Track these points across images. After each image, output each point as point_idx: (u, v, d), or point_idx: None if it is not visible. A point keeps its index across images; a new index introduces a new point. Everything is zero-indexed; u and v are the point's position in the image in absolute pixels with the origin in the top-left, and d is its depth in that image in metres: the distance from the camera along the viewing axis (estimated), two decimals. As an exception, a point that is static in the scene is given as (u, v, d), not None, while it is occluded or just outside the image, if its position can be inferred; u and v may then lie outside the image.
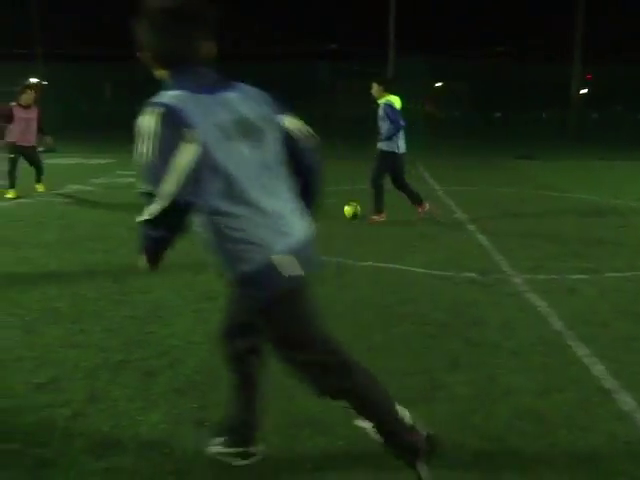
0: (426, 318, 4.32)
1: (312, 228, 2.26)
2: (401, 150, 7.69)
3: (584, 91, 30.11)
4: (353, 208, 7.83)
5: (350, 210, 7.83)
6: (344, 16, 29.58)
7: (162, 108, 1.91)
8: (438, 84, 37.99)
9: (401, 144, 7.67)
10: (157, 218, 1.91)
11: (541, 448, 2.72)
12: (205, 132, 1.92)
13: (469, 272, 5.46)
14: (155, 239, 2.00)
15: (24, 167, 9.78)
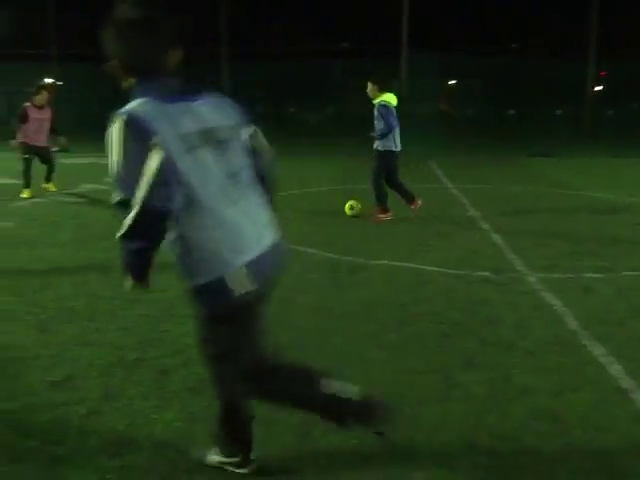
0: (441, 317, 4.31)
1: (277, 235, 2.30)
2: (398, 148, 7.69)
3: (599, 88, 29.85)
4: (353, 205, 7.88)
5: (350, 208, 7.89)
6: (356, 14, 29.47)
7: (126, 116, 1.95)
8: (452, 82, 37.82)
9: (397, 142, 7.67)
10: (134, 228, 1.94)
11: (556, 448, 2.70)
12: (167, 141, 1.95)
13: (483, 271, 5.44)
14: (136, 252, 2.03)
15: (36, 166, 9.84)
